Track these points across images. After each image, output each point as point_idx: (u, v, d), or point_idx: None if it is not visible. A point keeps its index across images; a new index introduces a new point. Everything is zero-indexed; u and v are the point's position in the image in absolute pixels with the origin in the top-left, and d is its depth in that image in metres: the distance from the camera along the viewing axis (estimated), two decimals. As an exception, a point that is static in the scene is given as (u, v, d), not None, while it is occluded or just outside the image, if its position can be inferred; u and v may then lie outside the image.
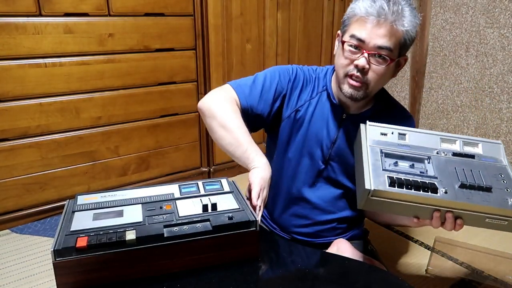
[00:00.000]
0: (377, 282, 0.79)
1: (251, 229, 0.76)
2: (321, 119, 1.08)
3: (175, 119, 2.00)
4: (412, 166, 0.83)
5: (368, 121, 0.91)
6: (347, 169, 1.09)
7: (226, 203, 0.81)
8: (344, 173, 1.09)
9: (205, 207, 0.78)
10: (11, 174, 1.63)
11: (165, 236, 0.71)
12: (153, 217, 0.75)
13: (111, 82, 1.76)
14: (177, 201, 0.81)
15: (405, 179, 0.78)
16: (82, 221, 0.74)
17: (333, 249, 1.06)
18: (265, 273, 0.79)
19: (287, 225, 1.16)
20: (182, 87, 1.97)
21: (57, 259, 0.66)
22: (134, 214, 0.76)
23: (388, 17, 0.91)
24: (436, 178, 0.80)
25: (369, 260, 1.08)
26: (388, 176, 0.79)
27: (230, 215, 0.76)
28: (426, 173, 0.82)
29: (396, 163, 0.83)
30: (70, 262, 0.67)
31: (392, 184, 0.77)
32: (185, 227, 0.73)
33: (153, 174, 2.02)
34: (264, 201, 0.89)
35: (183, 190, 0.85)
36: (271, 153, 1.17)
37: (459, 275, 1.44)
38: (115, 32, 1.71)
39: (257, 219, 0.76)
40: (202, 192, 0.84)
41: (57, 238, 0.69)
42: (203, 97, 1.05)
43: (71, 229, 0.71)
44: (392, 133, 0.89)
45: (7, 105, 1.56)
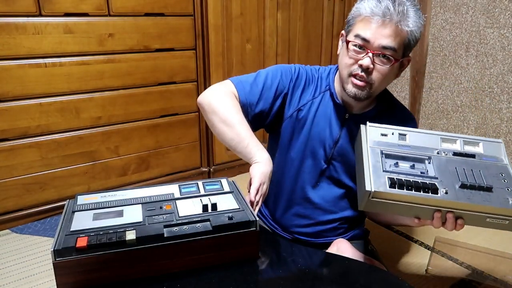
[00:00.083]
0: (377, 282, 0.79)
1: (251, 229, 0.76)
2: (324, 118, 1.07)
3: (175, 119, 2.00)
4: (413, 167, 0.83)
5: (368, 122, 0.91)
6: (349, 169, 1.08)
7: (226, 203, 0.81)
8: (347, 172, 1.09)
9: (205, 207, 0.78)
10: (11, 174, 1.63)
11: (165, 236, 0.71)
12: (153, 217, 0.75)
13: (111, 82, 1.76)
14: (177, 201, 0.81)
15: (405, 180, 0.78)
16: (82, 221, 0.74)
17: (333, 249, 1.06)
18: (265, 273, 0.79)
19: (288, 225, 1.16)
20: (182, 87, 1.97)
21: (57, 259, 0.66)
22: (134, 214, 0.76)
23: (393, 17, 0.91)
24: (436, 178, 0.80)
25: (369, 260, 1.08)
26: (388, 177, 0.79)
27: (230, 215, 0.76)
28: (427, 173, 0.82)
29: (396, 164, 0.83)
30: (70, 262, 0.67)
31: (393, 185, 0.77)
32: (185, 227, 0.73)
33: (153, 174, 2.01)
34: (263, 196, 0.89)
35: (183, 190, 0.85)
36: (272, 152, 1.16)
37: (459, 275, 1.44)
38: (115, 32, 1.71)
39: (255, 218, 0.76)
40: (202, 192, 0.84)
41: (57, 238, 0.69)
42: (203, 91, 1.04)
43: (71, 229, 0.71)
44: (393, 134, 0.89)
45: (7, 105, 1.56)
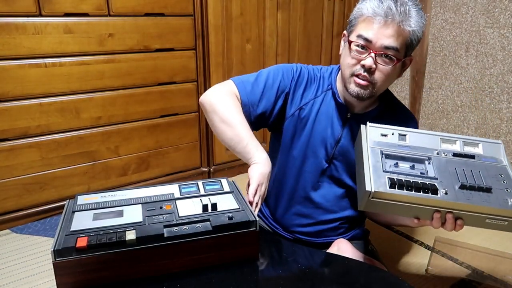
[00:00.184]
0: (377, 282, 0.79)
1: (251, 229, 0.76)
2: (325, 118, 1.07)
3: (175, 119, 2.00)
4: (413, 167, 0.83)
5: (368, 122, 0.91)
6: (350, 169, 1.08)
7: (226, 203, 0.81)
8: (348, 172, 1.09)
9: (205, 207, 0.78)
10: (11, 174, 1.63)
11: (165, 236, 0.71)
12: (153, 217, 0.75)
13: (111, 82, 1.76)
14: (177, 201, 0.81)
15: (405, 180, 0.78)
16: (82, 221, 0.74)
17: (333, 249, 1.06)
18: (265, 273, 0.79)
19: (289, 224, 1.16)
20: (182, 87, 1.97)
21: (57, 259, 0.66)
22: (134, 214, 0.76)
23: (395, 17, 0.91)
24: (436, 179, 0.80)
25: (369, 260, 1.08)
26: (388, 178, 0.79)
27: (230, 215, 0.76)
28: (427, 174, 0.82)
29: (396, 164, 0.83)
30: (70, 262, 0.67)
31: (393, 185, 0.77)
32: (185, 227, 0.73)
33: (153, 174, 2.02)
34: (262, 197, 0.89)
35: (183, 190, 0.85)
36: (274, 152, 1.17)
37: (459, 275, 1.44)
38: (115, 32, 1.71)
39: (255, 218, 0.76)
40: (202, 192, 0.84)
41: (57, 238, 0.69)
42: (205, 91, 1.05)
43: (71, 229, 0.71)
44: (393, 134, 0.89)
45: (7, 105, 1.56)
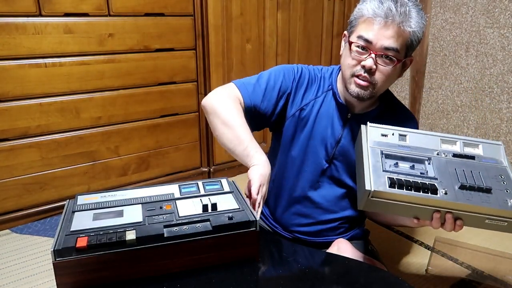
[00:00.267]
0: (377, 282, 0.79)
1: (251, 229, 0.76)
2: (326, 118, 1.08)
3: (175, 119, 2.00)
4: (413, 167, 0.83)
5: (369, 122, 0.91)
6: (350, 169, 1.09)
7: (226, 203, 0.81)
8: (348, 172, 1.10)
9: (205, 207, 0.78)
10: (11, 174, 1.63)
11: (165, 236, 0.71)
12: (153, 217, 0.75)
13: (111, 82, 1.76)
14: (177, 201, 0.81)
15: (405, 180, 0.78)
16: (82, 221, 0.74)
17: (333, 249, 1.06)
18: (265, 273, 0.79)
19: (289, 224, 1.16)
20: (182, 87, 1.97)
21: (57, 259, 0.66)
22: (134, 214, 0.76)
23: (395, 18, 0.91)
24: (436, 179, 0.80)
25: (369, 260, 1.08)
26: (388, 177, 0.79)
27: (230, 215, 0.76)
28: (426, 174, 0.82)
29: (396, 164, 0.83)
30: (70, 262, 0.67)
31: (392, 185, 0.78)
32: (185, 227, 0.73)
33: (153, 174, 2.02)
34: (263, 198, 0.89)
35: (183, 190, 0.85)
36: (275, 152, 1.17)
37: (459, 275, 1.44)
38: (115, 32, 1.71)
39: (256, 218, 0.76)
40: (202, 192, 0.84)
41: (57, 238, 0.69)
42: (207, 95, 1.05)
43: (71, 229, 0.71)
44: (393, 134, 0.89)
45: (7, 105, 1.56)
